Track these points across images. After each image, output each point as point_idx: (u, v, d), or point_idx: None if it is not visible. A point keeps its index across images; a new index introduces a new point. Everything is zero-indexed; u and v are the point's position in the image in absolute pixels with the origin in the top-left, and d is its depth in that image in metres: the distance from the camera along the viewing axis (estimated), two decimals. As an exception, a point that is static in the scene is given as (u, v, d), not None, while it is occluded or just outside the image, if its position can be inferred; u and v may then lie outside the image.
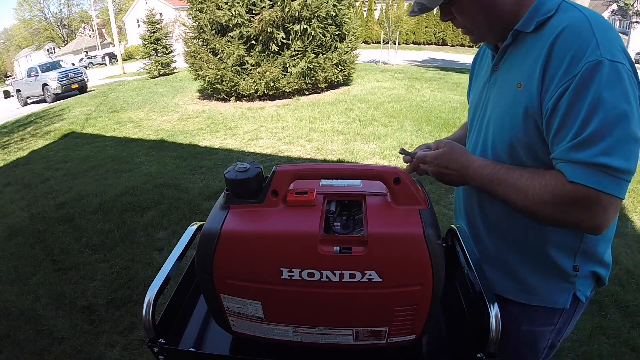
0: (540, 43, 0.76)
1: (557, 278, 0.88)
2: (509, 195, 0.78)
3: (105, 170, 5.14)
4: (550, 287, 0.89)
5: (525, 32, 0.79)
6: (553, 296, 0.89)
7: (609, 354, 1.94)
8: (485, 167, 0.82)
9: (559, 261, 0.86)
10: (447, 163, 0.86)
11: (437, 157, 0.87)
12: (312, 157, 5.02)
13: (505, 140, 0.82)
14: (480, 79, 0.99)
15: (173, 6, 29.44)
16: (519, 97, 0.78)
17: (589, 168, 0.67)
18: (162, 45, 14.99)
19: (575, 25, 0.71)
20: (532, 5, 0.79)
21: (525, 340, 0.94)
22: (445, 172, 0.87)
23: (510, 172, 0.78)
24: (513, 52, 0.84)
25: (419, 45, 21.46)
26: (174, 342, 0.82)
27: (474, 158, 0.85)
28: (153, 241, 3.23)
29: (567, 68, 0.69)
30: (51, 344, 2.22)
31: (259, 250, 0.70)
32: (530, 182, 0.74)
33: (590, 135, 0.67)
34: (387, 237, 0.68)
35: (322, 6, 7.91)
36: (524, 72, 0.78)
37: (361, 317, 0.72)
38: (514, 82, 0.80)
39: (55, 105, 11.59)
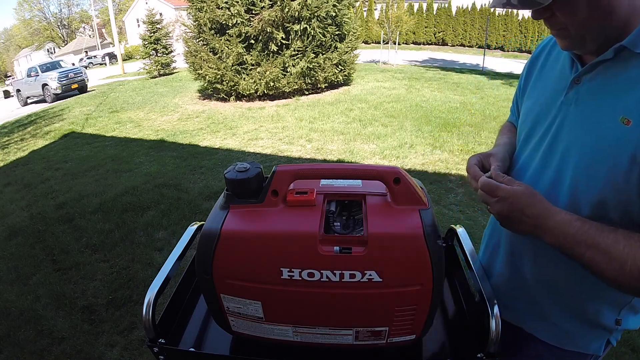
0: None
1: (595, 328, 0.82)
2: (597, 262, 0.65)
3: (105, 170, 5.14)
4: (585, 335, 0.83)
5: (633, 51, 0.66)
6: (587, 343, 0.84)
7: (609, 354, 1.93)
8: (570, 224, 0.67)
9: (602, 315, 0.80)
10: (523, 207, 0.70)
11: (512, 195, 0.71)
12: (312, 157, 5.03)
13: (595, 186, 0.69)
14: (546, 84, 0.85)
15: (173, 6, 29.44)
16: (626, 137, 0.65)
17: None
18: (162, 45, 14.99)
19: None
20: None
21: None
22: (516, 216, 0.72)
23: (603, 236, 0.65)
24: (610, 71, 0.70)
25: (419, 45, 21.46)
26: (174, 342, 0.82)
27: (555, 209, 0.70)
28: (153, 241, 3.23)
29: None
30: (51, 344, 2.22)
31: (259, 250, 0.70)
32: (629, 250, 0.63)
33: None
34: (387, 237, 0.68)
35: (322, 6, 7.92)
36: (631, 105, 0.65)
37: (361, 317, 0.72)
38: (616, 113, 0.67)
39: (55, 105, 11.59)
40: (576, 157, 0.72)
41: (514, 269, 0.88)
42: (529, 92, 0.91)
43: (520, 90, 0.98)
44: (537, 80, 0.90)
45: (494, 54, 17.28)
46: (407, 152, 4.92)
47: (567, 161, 0.74)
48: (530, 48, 17.32)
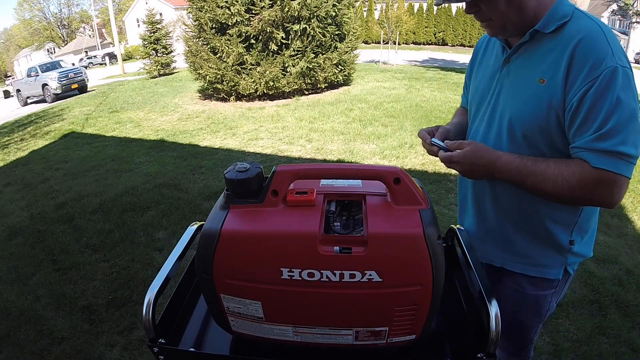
0: (560, 45, 0.87)
1: (553, 251, 1.01)
2: (538, 184, 0.88)
3: (105, 170, 5.14)
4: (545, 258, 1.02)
5: (543, 32, 0.90)
6: (547, 268, 1.03)
7: (609, 354, 1.94)
8: (512, 161, 0.90)
9: (558, 235, 0.99)
10: (475, 160, 0.92)
11: (464, 156, 0.93)
12: (312, 157, 5.02)
13: (526, 129, 0.92)
14: (487, 67, 1.08)
15: (173, 6, 29.44)
16: (542, 92, 0.89)
17: (610, 156, 0.81)
18: (162, 45, 14.98)
19: (594, 35, 0.84)
20: (550, 9, 0.89)
21: (531, 304, 1.07)
22: (473, 169, 0.94)
23: (537, 164, 0.88)
24: (529, 49, 0.94)
25: (419, 45, 21.46)
26: (174, 342, 0.82)
27: (498, 153, 0.92)
28: (153, 241, 3.23)
29: (589, 71, 0.81)
30: (51, 344, 2.22)
31: (259, 250, 0.70)
32: (558, 170, 0.85)
33: (611, 129, 0.80)
34: (387, 237, 0.68)
35: (321, 6, 7.92)
36: (544, 69, 0.89)
37: (361, 317, 0.72)
38: (534, 77, 0.90)
39: (55, 105, 11.58)
40: (510, 112, 0.96)
41: (481, 213, 1.10)
42: (474, 76, 1.16)
43: (469, 77, 1.21)
44: (479, 66, 1.13)
45: (494, 54, 17.25)
46: (407, 152, 4.92)
47: (504, 117, 0.97)
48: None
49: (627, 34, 21.18)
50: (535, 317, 1.08)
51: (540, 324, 1.11)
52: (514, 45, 0.97)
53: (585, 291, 2.39)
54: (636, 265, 2.66)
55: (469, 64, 1.21)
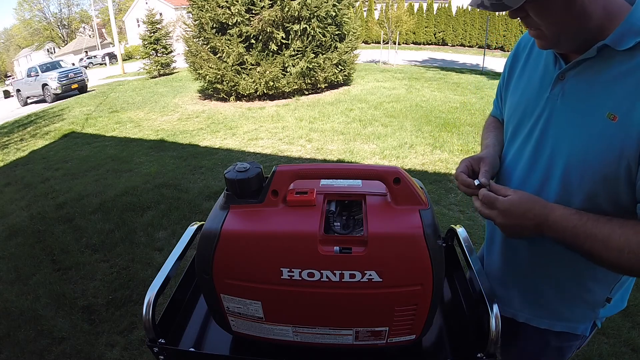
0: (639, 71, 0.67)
1: (586, 308, 0.88)
2: (597, 251, 0.69)
3: (105, 170, 5.14)
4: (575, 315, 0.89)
5: (615, 49, 0.69)
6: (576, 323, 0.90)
7: (609, 354, 1.94)
8: (568, 219, 0.71)
9: (595, 293, 0.85)
10: (522, 213, 0.74)
11: (511, 206, 0.75)
12: (312, 157, 5.02)
13: (587, 179, 0.73)
14: (532, 78, 0.87)
15: (173, 6, 29.44)
16: (613, 132, 0.69)
17: None
18: (162, 45, 14.98)
19: None
20: (625, 20, 0.69)
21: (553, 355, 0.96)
22: (517, 224, 0.75)
23: (600, 226, 0.69)
24: (594, 69, 0.73)
25: (419, 45, 21.45)
26: (174, 342, 0.82)
27: (552, 206, 0.73)
28: (153, 241, 3.23)
29: None
30: (51, 344, 2.22)
31: (259, 250, 0.70)
32: (625, 238, 0.66)
33: None
34: (387, 237, 0.68)
35: (321, 6, 7.92)
36: (617, 101, 0.69)
37: (361, 317, 0.72)
38: (603, 109, 0.70)
39: (55, 105, 11.58)
40: (566, 152, 0.76)
41: (510, 256, 0.93)
42: (514, 86, 0.93)
43: (504, 84, 0.99)
44: (520, 75, 0.91)
45: (494, 54, 17.27)
46: (407, 152, 4.92)
47: (556, 157, 0.77)
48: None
49: (627, 34, 21.12)
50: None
51: None
52: (572, 60, 0.75)
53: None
54: (636, 265, 2.66)
55: (507, 66, 0.97)
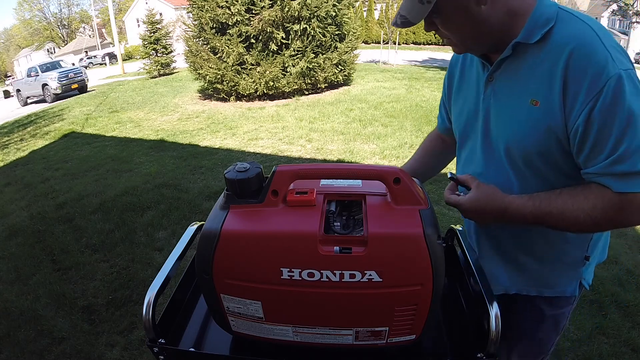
0: (549, 58, 0.76)
1: (568, 269, 0.95)
2: (558, 224, 0.80)
3: (105, 170, 5.14)
4: (562, 279, 0.96)
5: (526, 43, 0.79)
6: (564, 286, 0.97)
7: (609, 354, 1.94)
8: (524, 207, 0.81)
9: (572, 254, 0.93)
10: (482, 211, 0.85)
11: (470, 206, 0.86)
12: (312, 157, 5.02)
13: (526, 154, 0.83)
14: (469, 88, 0.97)
15: (173, 6, 29.44)
16: (537, 115, 0.79)
17: (632, 177, 0.72)
18: (162, 45, 14.98)
19: (587, 40, 0.73)
20: (530, 16, 0.78)
21: (550, 323, 1.02)
22: (480, 219, 0.88)
23: (552, 203, 0.79)
24: (514, 65, 0.83)
25: (419, 45, 21.46)
26: (174, 342, 0.82)
27: (508, 200, 0.83)
28: (153, 241, 3.23)
29: (590, 85, 0.71)
30: (51, 344, 2.22)
31: (259, 250, 0.70)
32: (577, 205, 0.76)
33: (627, 148, 0.70)
34: (387, 237, 0.68)
35: (322, 6, 7.92)
36: (535, 88, 0.79)
37: (361, 317, 0.72)
38: (526, 97, 0.80)
39: (55, 105, 11.58)
40: (505, 140, 0.86)
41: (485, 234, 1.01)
42: (454, 99, 1.03)
43: (446, 98, 1.10)
44: (459, 87, 1.01)
45: (494, 54, 17.25)
46: (407, 152, 4.92)
47: (500, 146, 0.88)
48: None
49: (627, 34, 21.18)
50: (553, 333, 1.04)
51: (558, 337, 1.07)
52: (495, 61, 0.85)
53: (585, 291, 2.39)
54: (636, 265, 2.66)
55: (446, 83, 1.08)
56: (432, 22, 0.81)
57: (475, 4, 0.76)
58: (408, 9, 0.78)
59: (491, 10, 0.77)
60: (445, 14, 0.78)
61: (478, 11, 0.76)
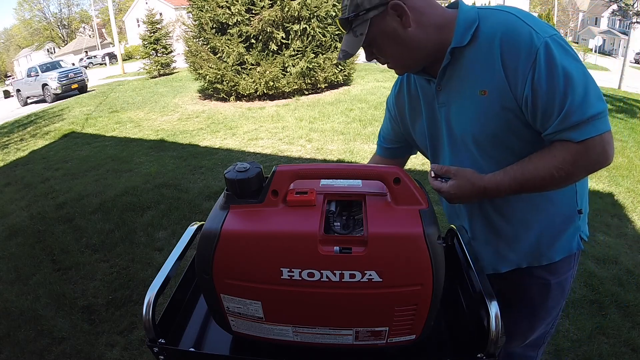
0: (484, 50, 0.84)
1: (566, 227, 1.00)
2: (536, 187, 0.87)
3: (105, 170, 5.14)
4: (562, 241, 1.00)
5: (461, 47, 0.87)
6: (570, 244, 1.01)
7: (609, 354, 1.94)
8: (501, 182, 0.87)
9: (566, 211, 0.99)
10: (462, 194, 0.91)
11: (453, 191, 0.91)
12: (312, 157, 5.02)
13: (490, 136, 0.90)
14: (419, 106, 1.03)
15: (173, 6, 29.45)
16: (488, 102, 0.86)
17: (586, 124, 0.78)
18: (162, 45, 14.98)
19: (510, 24, 0.82)
20: (457, 23, 0.87)
21: (556, 290, 1.06)
22: (462, 200, 0.94)
23: (525, 169, 0.85)
24: (456, 68, 0.90)
25: (419, 45, 21.44)
26: (174, 342, 0.82)
27: (486, 179, 0.89)
28: (153, 241, 3.23)
29: (525, 59, 0.80)
30: (51, 344, 2.22)
31: (259, 250, 0.70)
32: (547, 165, 0.83)
33: (573, 102, 0.78)
34: (387, 237, 0.68)
35: (321, 6, 7.92)
36: (481, 80, 0.86)
37: (361, 317, 0.72)
38: (474, 90, 0.88)
39: (55, 105, 11.58)
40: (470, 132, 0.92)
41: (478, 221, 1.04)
42: (411, 119, 1.08)
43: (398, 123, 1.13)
44: (410, 107, 1.06)
45: (494, 54, 17.26)
46: (407, 152, 4.91)
47: (466, 139, 0.94)
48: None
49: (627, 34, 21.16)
50: (561, 299, 1.09)
51: (564, 301, 1.11)
52: (438, 71, 0.92)
53: (585, 291, 2.39)
54: (636, 265, 2.66)
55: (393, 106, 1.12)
56: (371, 51, 0.92)
57: (402, 28, 0.86)
58: (347, 44, 0.90)
59: (418, 31, 0.86)
60: (377, 43, 0.89)
61: (406, 34, 0.86)
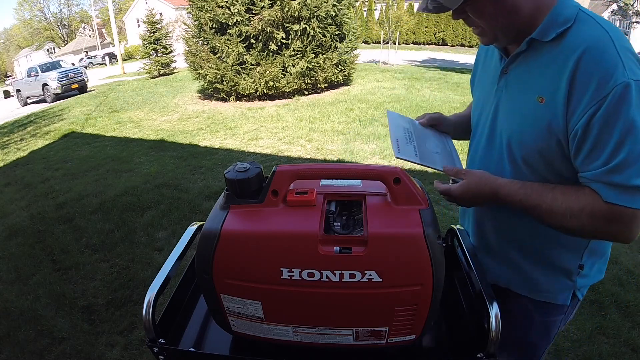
0: (561, 57, 0.75)
1: (561, 276, 0.92)
2: (543, 217, 0.80)
3: (105, 170, 5.14)
4: (552, 283, 0.93)
5: (541, 41, 0.79)
6: (555, 293, 0.94)
7: (609, 354, 1.94)
8: (515, 193, 0.82)
9: (566, 260, 0.91)
10: (473, 196, 0.86)
11: (462, 193, 0.87)
12: (312, 157, 5.02)
13: (525, 153, 0.84)
14: (486, 76, 0.99)
15: (173, 6, 29.43)
16: (541, 112, 0.78)
17: (625, 190, 0.70)
18: (162, 45, 14.98)
19: (600, 44, 0.71)
20: (549, 14, 0.78)
21: (540, 329, 0.99)
22: (471, 203, 0.90)
23: (543, 196, 0.79)
24: (527, 60, 0.83)
25: (419, 45, 21.45)
26: (174, 342, 0.82)
27: (499, 183, 0.84)
28: (153, 241, 3.23)
29: (596, 90, 0.70)
30: (51, 344, 2.22)
31: (259, 250, 0.70)
32: (566, 205, 0.76)
33: (624, 160, 0.69)
34: (387, 237, 0.68)
35: (321, 6, 7.91)
36: (544, 85, 0.78)
37: (361, 317, 0.72)
38: (533, 94, 0.80)
39: (55, 105, 11.58)
40: (508, 132, 0.87)
41: (481, 230, 1.01)
42: (476, 85, 1.07)
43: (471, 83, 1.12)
44: (481, 74, 1.04)
45: (494, 54, 17.24)
46: (407, 152, 4.91)
47: (503, 139, 0.89)
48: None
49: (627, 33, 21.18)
50: (544, 339, 1.01)
51: (549, 345, 1.03)
52: (511, 54, 0.86)
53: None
54: (636, 265, 2.66)
55: (473, 69, 1.10)
56: (463, 9, 0.80)
57: None
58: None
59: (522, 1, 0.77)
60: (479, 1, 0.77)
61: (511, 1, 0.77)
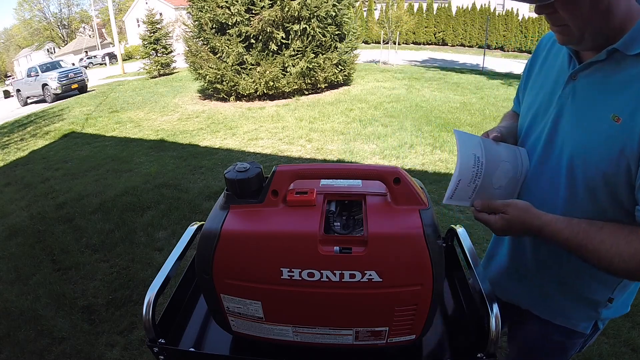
0: None
1: (587, 306, 0.90)
2: (589, 259, 0.73)
3: (105, 170, 5.14)
4: (577, 311, 0.91)
5: (625, 53, 0.70)
6: (577, 320, 0.92)
7: (609, 354, 1.94)
8: (560, 232, 0.74)
9: (596, 293, 0.87)
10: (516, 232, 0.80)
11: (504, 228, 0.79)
12: (312, 157, 5.02)
13: (589, 175, 0.75)
14: (547, 77, 0.89)
15: (173, 6, 29.42)
16: (616, 133, 0.70)
17: None
18: (162, 45, 14.98)
19: None
20: (636, 25, 0.69)
21: (556, 350, 0.97)
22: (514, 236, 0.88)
23: (591, 237, 0.71)
24: (604, 71, 0.74)
25: (419, 45, 21.45)
26: (174, 342, 0.82)
27: (544, 220, 0.76)
28: (153, 241, 3.23)
29: None
30: (51, 344, 2.22)
31: (259, 250, 0.70)
32: (615, 249, 0.69)
33: None
34: (387, 237, 0.68)
35: (321, 6, 7.91)
36: (622, 104, 0.70)
37: (361, 317, 0.72)
38: (608, 111, 0.72)
39: (55, 105, 11.58)
40: (571, 147, 0.78)
41: (517, 253, 0.96)
42: (530, 87, 0.95)
43: (522, 84, 1.02)
44: (537, 76, 0.93)
45: (494, 54, 17.28)
46: (407, 152, 4.92)
47: (563, 153, 0.80)
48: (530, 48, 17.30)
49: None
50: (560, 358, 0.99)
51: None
52: (585, 61, 0.77)
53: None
54: (636, 265, 2.66)
55: (528, 65, 0.99)
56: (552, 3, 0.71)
57: None
58: None
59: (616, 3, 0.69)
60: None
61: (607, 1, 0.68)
